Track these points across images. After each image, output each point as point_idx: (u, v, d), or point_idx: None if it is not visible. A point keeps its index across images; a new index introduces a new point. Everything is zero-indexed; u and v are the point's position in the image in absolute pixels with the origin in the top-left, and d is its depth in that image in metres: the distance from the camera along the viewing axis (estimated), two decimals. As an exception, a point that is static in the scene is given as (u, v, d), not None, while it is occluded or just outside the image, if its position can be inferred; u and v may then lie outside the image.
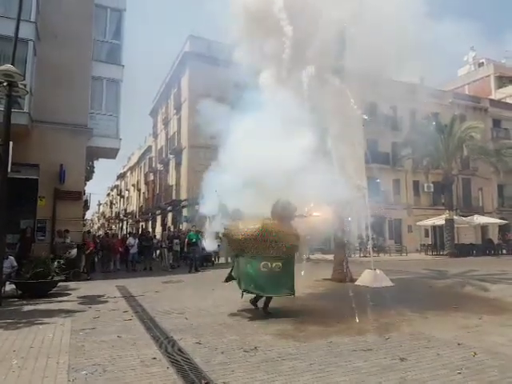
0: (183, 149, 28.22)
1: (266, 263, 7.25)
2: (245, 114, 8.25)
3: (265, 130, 7.81)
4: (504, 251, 30.02)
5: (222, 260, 20.76)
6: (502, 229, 33.71)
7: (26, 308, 8.47)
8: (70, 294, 10.33)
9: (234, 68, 10.33)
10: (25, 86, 11.20)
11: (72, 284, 11.99)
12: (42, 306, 8.63)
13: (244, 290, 7.47)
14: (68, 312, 7.95)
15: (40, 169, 14.45)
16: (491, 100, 41.00)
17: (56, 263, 11.47)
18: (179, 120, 30.17)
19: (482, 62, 48.52)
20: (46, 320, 7.14)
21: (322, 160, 8.00)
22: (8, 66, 8.92)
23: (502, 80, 45.08)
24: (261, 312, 7.54)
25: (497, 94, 43.88)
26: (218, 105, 9.35)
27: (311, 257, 22.44)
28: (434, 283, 12.09)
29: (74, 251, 13.94)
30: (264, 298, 7.67)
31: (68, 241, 13.78)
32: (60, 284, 11.00)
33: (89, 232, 23.33)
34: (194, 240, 16.84)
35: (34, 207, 14.40)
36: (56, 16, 14.97)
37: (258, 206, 7.75)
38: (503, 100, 42.58)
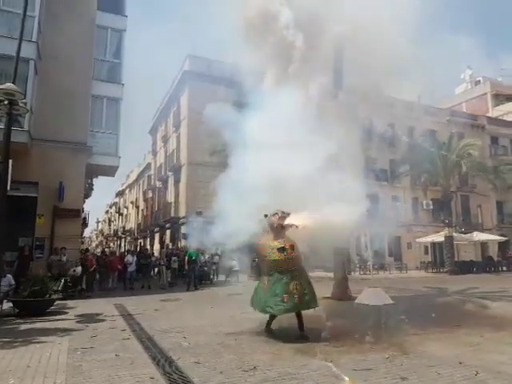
0: (182, 166, 28.36)
1: (266, 278, 7.09)
2: (252, 122, 8.17)
3: (273, 139, 7.74)
4: (504, 268, 29.91)
5: (221, 277, 20.66)
6: (502, 246, 33.65)
7: (23, 327, 8.38)
8: (67, 313, 10.23)
9: (235, 84, 10.30)
10: (25, 104, 11.32)
11: (70, 302, 11.88)
12: (40, 325, 8.54)
13: (264, 311, 7.12)
14: (65, 331, 7.85)
15: (39, 186, 14.47)
16: (488, 118, 41.40)
17: (63, 281, 11.87)
18: (178, 138, 30.40)
19: (479, 80, 49.17)
20: (43, 339, 7.06)
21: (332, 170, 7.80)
22: (9, 85, 9.03)
23: (499, 98, 45.61)
24: (261, 331, 7.35)
25: (494, 112, 44.33)
26: (225, 109, 9.16)
27: (311, 274, 22.31)
28: (434, 301, 12.03)
29: (79, 269, 14.06)
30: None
31: (64, 259, 13.71)
32: (57, 302, 10.91)
33: (87, 250, 23.24)
34: (193, 258, 16.85)
35: (32, 225, 14.38)
36: (57, 36, 15.20)
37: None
38: (500, 117, 42.98)
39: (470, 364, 5.36)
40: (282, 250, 6.96)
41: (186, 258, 17.15)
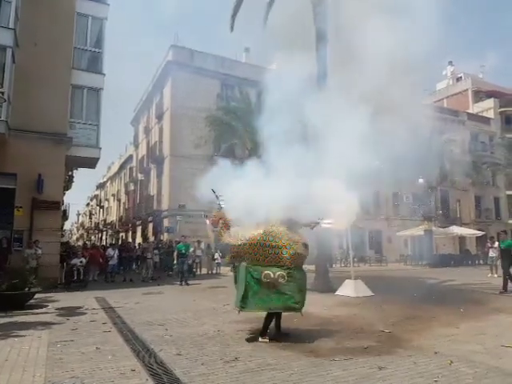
0: (165, 158, 28.13)
1: (268, 273, 6.22)
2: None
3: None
4: (481, 261, 30.62)
5: (203, 271, 20.68)
6: (480, 240, 34.41)
7: (2, 320, 8.23)
8: (47, 306, 10.11)
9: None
10: (2, 93, 11.08)
11: (50, 295, 11.76)
12: (19, 318, 8.43)
13: (241, 308, 6.37)
14: (45, 324, 7.78)
15: (17, 178, 14.16)
16: (469, 114, 42.11)
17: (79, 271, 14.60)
18: (161, 129, 30.12)
19: (461, 77, 49.83)
20: (22, 332, 6.98)
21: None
22: (-14, 74, 8.81)
23: (479, 94, 46.34)
24: (246, 326, 7.16)
25: (474, 108, 45.08)
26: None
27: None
28: (412, 293, 12.26)
29: (83, 260, 15.12)
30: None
31: (40, 251, 13.51)
32: (37, 295, 10.78)
33: (67, 243, 22.97)
34: (183, 251, 16.34)
35: (11, 217, 14.08)
36: (36, 23, 14.81)
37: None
38: (480, 114, 43.77)
39: (445, 354, 5.52)
40: (306, 246, 6.73)
41: (176, 251, 16.61)
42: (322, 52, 12.85)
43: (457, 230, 30.99)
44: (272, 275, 6.22)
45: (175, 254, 16.65)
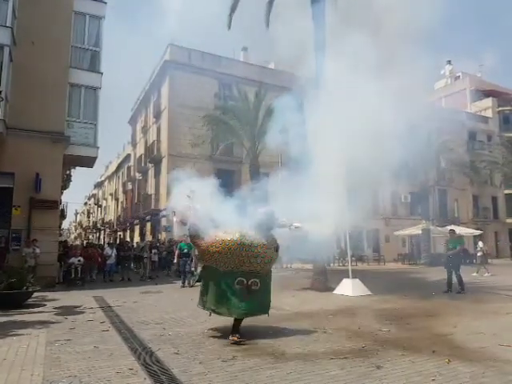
0: (162, 157, 28.09)
1: (241, 279, 6.32)
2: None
3: None
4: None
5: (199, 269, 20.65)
6: (477, 239, 34.45)
7: (0, 319, 8.23)
8: (45, 305, 10.11)
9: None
10: (0, 92, 11.05)
11: (48, 294, 11.75)
12: (17, 317, 8.42)
13: (211, 310, 6.61)
14: (43, 323, 7.78)
15: (15, 177, 14.14)
16: (467, 113, 42.16)
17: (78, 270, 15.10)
18: (159, 129, 30.07)
19: (459, 76, 49.82)
20: (20, 331, 6.98)
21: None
22: (-16, 73, 8.79)
23: (478, 94, 46.38)
24: (243, 325, 6.75)
25: (472, 107, 45.11)
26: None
27: (292, 266, 22.55)
28: (409, 292, 12.29)
29: (81, 259, 15.39)
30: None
31: (38, 250, 13.49)
32: (36, 294, 10.79)
33: (65, 241, 22.94)
34: (185, 251, 15.28)
35: (8, 216, 14.07)
36: (33, 21, 14.78)
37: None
38: (478, 113, 43.82)
39: (442, 352, 5.53)
40: (277, 249, 6.73)
41: (177, 251, 15.71)
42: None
43: (454, 229, 30.99)
44: (245, 282, 6.32)
45: (176, 253, 15.98)
